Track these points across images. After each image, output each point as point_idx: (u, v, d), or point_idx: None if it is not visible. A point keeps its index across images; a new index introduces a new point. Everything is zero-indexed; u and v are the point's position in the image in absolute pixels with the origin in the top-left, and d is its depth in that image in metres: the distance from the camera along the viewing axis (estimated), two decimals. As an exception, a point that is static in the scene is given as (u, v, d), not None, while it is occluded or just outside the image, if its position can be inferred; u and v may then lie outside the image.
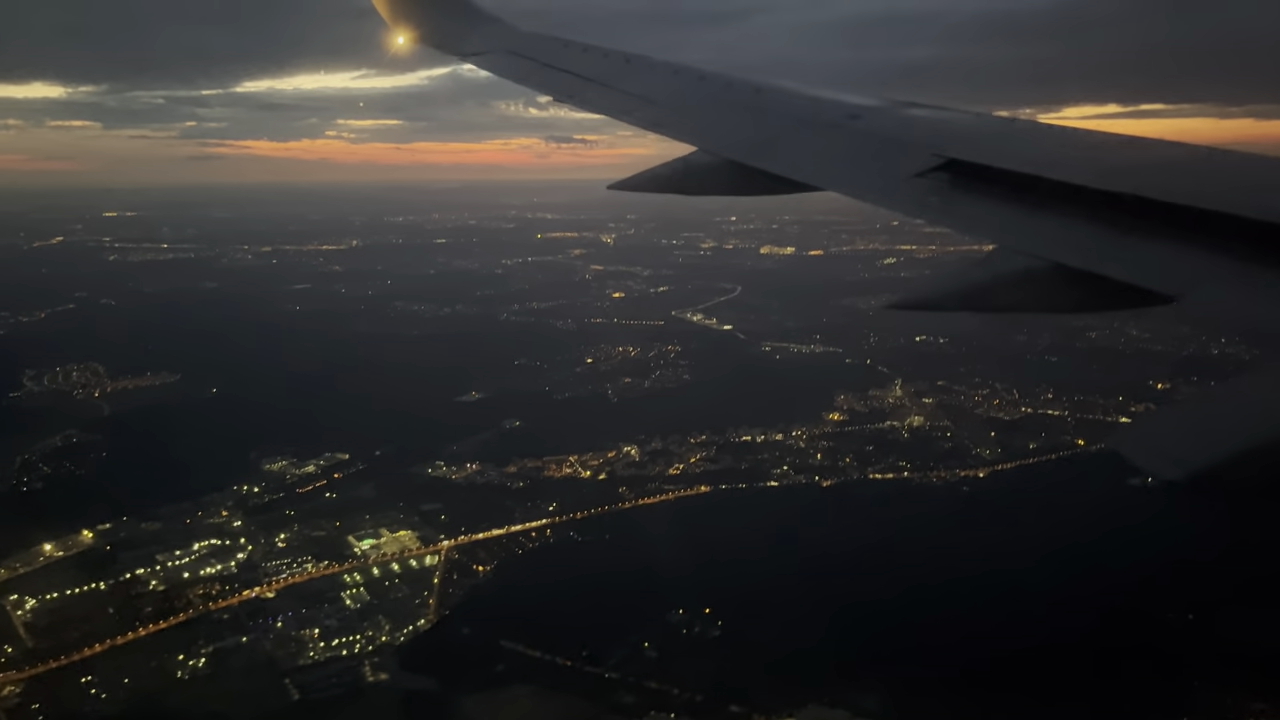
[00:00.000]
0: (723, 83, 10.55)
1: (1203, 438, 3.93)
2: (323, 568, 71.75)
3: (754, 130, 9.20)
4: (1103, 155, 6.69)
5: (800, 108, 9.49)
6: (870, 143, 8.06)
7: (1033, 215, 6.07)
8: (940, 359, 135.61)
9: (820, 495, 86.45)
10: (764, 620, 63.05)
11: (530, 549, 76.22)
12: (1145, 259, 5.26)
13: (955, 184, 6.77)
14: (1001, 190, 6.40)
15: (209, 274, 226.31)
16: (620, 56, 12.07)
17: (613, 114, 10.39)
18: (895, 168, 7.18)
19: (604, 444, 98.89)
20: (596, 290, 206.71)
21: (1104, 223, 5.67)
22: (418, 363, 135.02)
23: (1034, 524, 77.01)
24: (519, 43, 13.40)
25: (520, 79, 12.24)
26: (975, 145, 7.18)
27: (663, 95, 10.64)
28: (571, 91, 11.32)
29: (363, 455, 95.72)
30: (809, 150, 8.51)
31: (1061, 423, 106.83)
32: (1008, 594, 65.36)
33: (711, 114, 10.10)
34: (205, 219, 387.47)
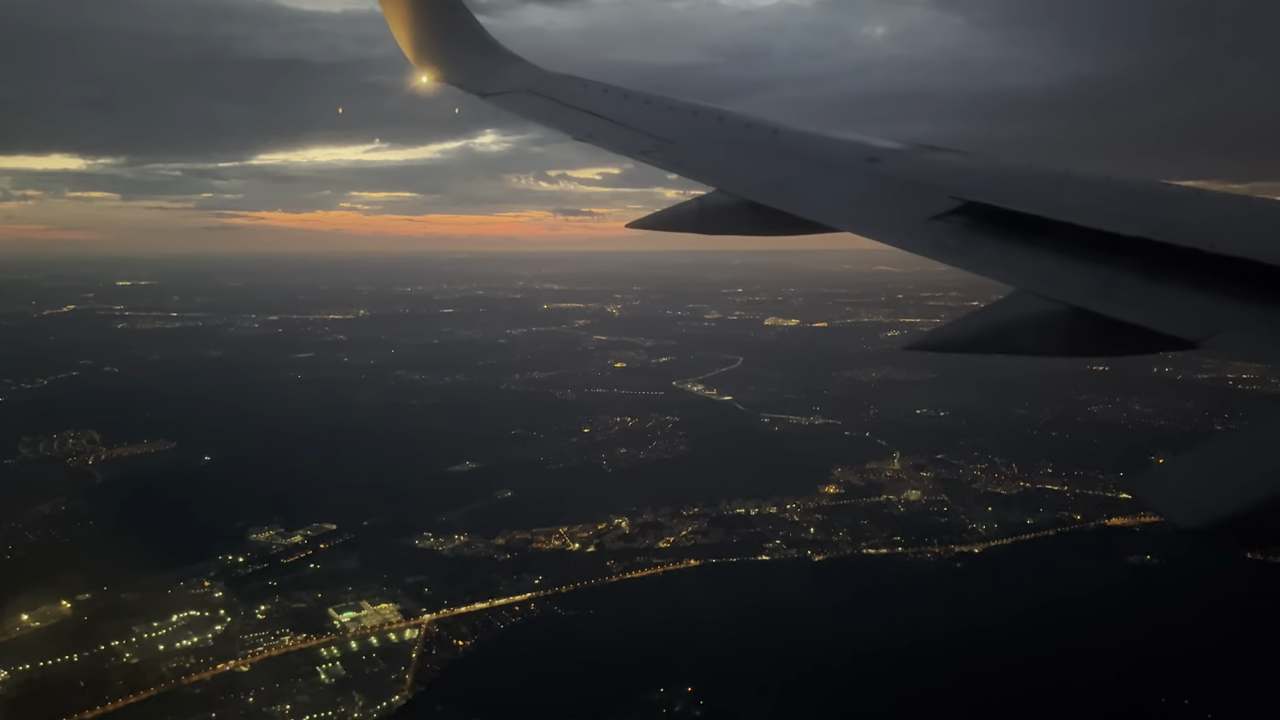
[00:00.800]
0: (741, 123, 10.59)
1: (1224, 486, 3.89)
2: (300, 640, 70.44)
3: (771, 170, 9.18)
4: (1121, 200, 6.71)
5: (818, 149, 9.50)
6: (888, 185, 8.06)
7: (1051, 258, 6.06)
8: (940, 432, 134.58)
9: (811, 570, 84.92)
10: (747, 700, 61.41)
11: (513, 623, 74.75)
12: (1165, 303, 5.22)
13: (973, 226, 6.74)
14: (1020, 233, 6.40)
15: (214, 342, 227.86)
16: (640, 97, 12.08)
17: (632, 154, 10.39)
18: (913, 209, 7.19)
19: (595, 516, 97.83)
20: (598, 360, 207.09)
21: (1123, 266, 5.65)
22: (413, 432, 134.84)
23: (1025, 603, 75.23)
24: (540, 82, 13.48)
25: (541, 118, 12.27)
26: (993, 188, 7.20)
27: (682, 135, 10.63)
28: (591, 131, 11.31)
29: (350, 525, 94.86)
30: (826, 191, 8.49)
31: (1060, 498, 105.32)
32: (994, 675, 63.56)
33: (729, 154, 10.10)
34: (217, 288, 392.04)
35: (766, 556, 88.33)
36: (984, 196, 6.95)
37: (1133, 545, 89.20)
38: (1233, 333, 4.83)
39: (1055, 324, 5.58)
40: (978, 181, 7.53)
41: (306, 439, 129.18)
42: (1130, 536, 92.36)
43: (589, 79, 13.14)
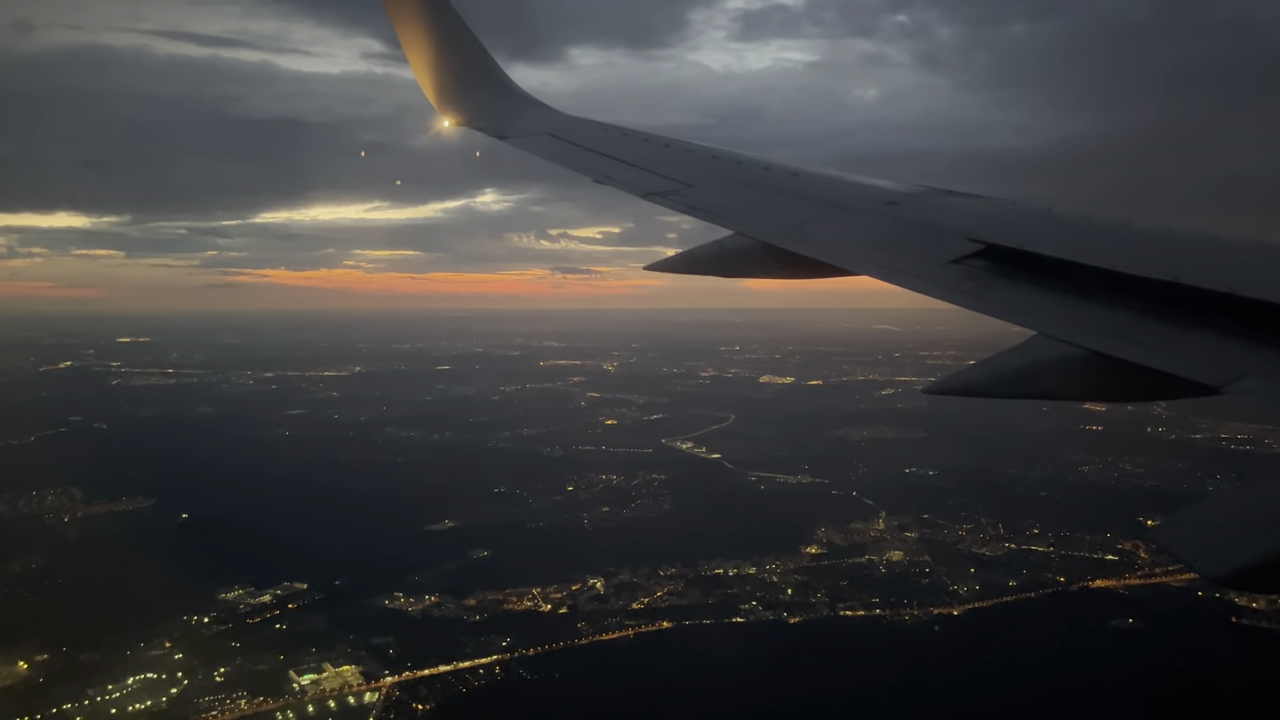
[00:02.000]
0: (760, 166, 10.66)
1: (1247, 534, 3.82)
2: (256, 704, 68.84)
3: (790, 213, 9.18)
4: (1141, 244, 6.66)
5: (836, 192, 9.52)
6: (906, 228, 8.05)
7: (1071, 302, 6.04)
8: (928, 492, 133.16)
9: (786, 633, 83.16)
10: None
11: (476, 687, 73.03)
12: (1188, 348, 5.16)
13: (992, 270, 6.71)
14: (1039, 277, 6.36)
15: (207, 399, 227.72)
16: (659, 141, 12.24)
17: (651, 196, 10.42)
18: (931, 253, 7.16)
19: (571, 576, 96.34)
20: (590, 417, 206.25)
21: (1145, 311, 5.61)
22: (395, 490, 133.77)
23: (997, 666, 73.43)
24: (559, 126, 13.66)
25: (561, 160, 12.32)
26: (1013, 232, 7.15)
27: (700, 178, 10.68)
28: (611, 173, 11.37)
29: (321, 585, 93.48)
30: (844, 234, 8.46)
31: (1045, 559, 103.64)
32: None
33: (748, 196, 10.10)
34: (216, 345, 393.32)
35: (741, 619, 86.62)
36: (1003, 240, 6.92)
37: (1116, 608, 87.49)
38: (1258, 379, 4.71)
39: (1076, 368, 5.50)
40: (997, 225, 7.50)
41: (286, 497, 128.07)
42: (1114, 599, 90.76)
43: (607, 123, 13.40)
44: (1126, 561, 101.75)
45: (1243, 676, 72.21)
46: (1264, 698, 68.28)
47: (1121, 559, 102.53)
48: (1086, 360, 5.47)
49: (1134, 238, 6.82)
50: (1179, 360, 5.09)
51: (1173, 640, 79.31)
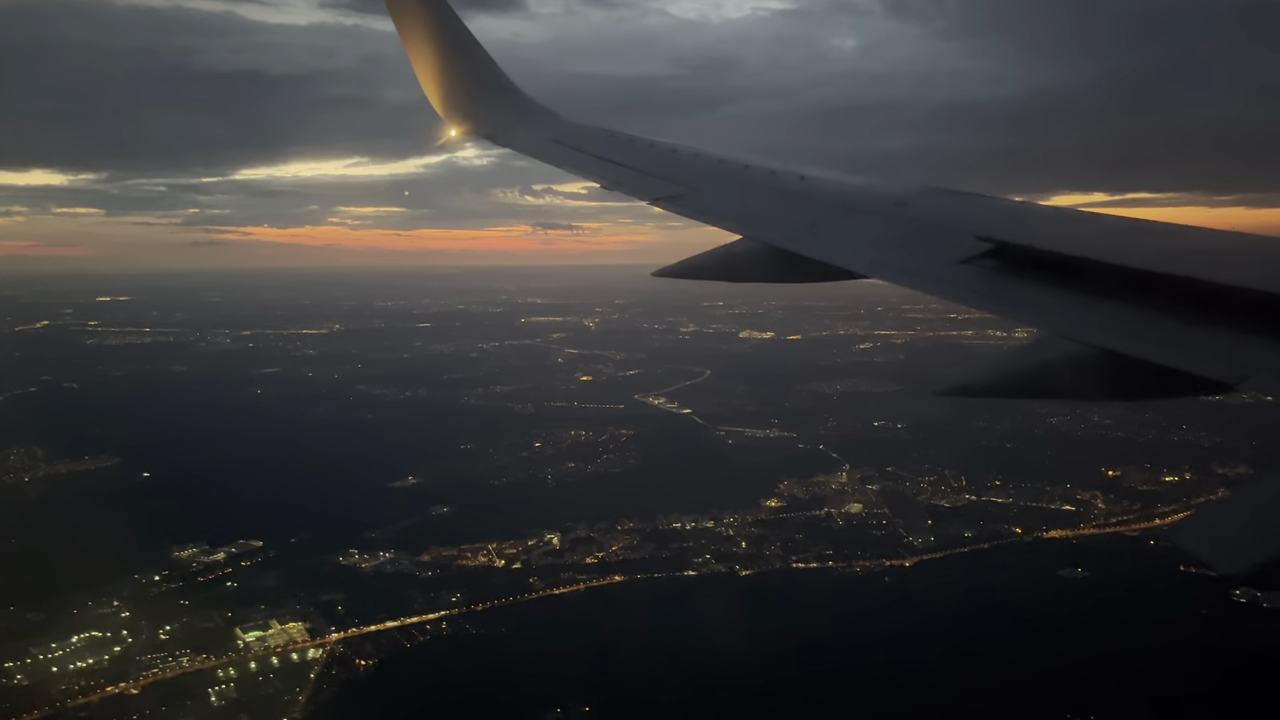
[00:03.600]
0: (766, 170, 10.61)
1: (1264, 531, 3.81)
2: (199, 661, 68.94)
3: (798, 217, 9.15)
4: (1152, 241, 6.69)
5: (844, 195, 9.51)
6: (915, 229, 8.00)
7: (1081, 300, 6.01)
8: (894, 445, 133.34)
9: (735, 586, 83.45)
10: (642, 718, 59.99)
11: (422, 642, 73.24)
12: (1199, 344, 5.14)
13: (1002, 270, 6.69)
14: (1049, 275, 6.34)
15: (182, 358, 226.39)
16: (666, 147, 12.28)
17: (659, 202, 10.42)
18: (941, 254, 7.14)
19: (528, 531, 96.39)
20: (565, 374, 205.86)
21: (1155, 307, 5.54)
22: (361, 448, 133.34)
23: (941, 616, 73.78)
24: (566, 133, 13.86)
25: (568, 167, 12.54)
26: (1022, 231, 7.10)
27: (707, 183, 10.75)
28: (619, 179, 11.51)
29: (277, 543, 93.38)
30: (853, 237, 8.41)
31: (1004, 510, 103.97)
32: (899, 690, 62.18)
33: (756, 201, 10.13)
34: (197, 303, 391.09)
35: (693, 572, 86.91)
36: (1012, 239, 6.87)
37: (1066, 558, 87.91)
38: (1269, 374, 4.67)
39: (1087, 367, 5.45)
40: (1006, 224, 7.45)
41: (251, 456, 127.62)
42: (1066, 549, 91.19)
43: (613, 130, 13.56)
44: (1083, 512, 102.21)
45: (1186, 625, 72.74)
46: (1206, 644, 68.75)
47: (1079, 509, 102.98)
48: (1097, 359, 5.41)
49: (1142, 234, 6.86)
50: (1190, 357, 5.03)
51: (1119, 589, 79.72)
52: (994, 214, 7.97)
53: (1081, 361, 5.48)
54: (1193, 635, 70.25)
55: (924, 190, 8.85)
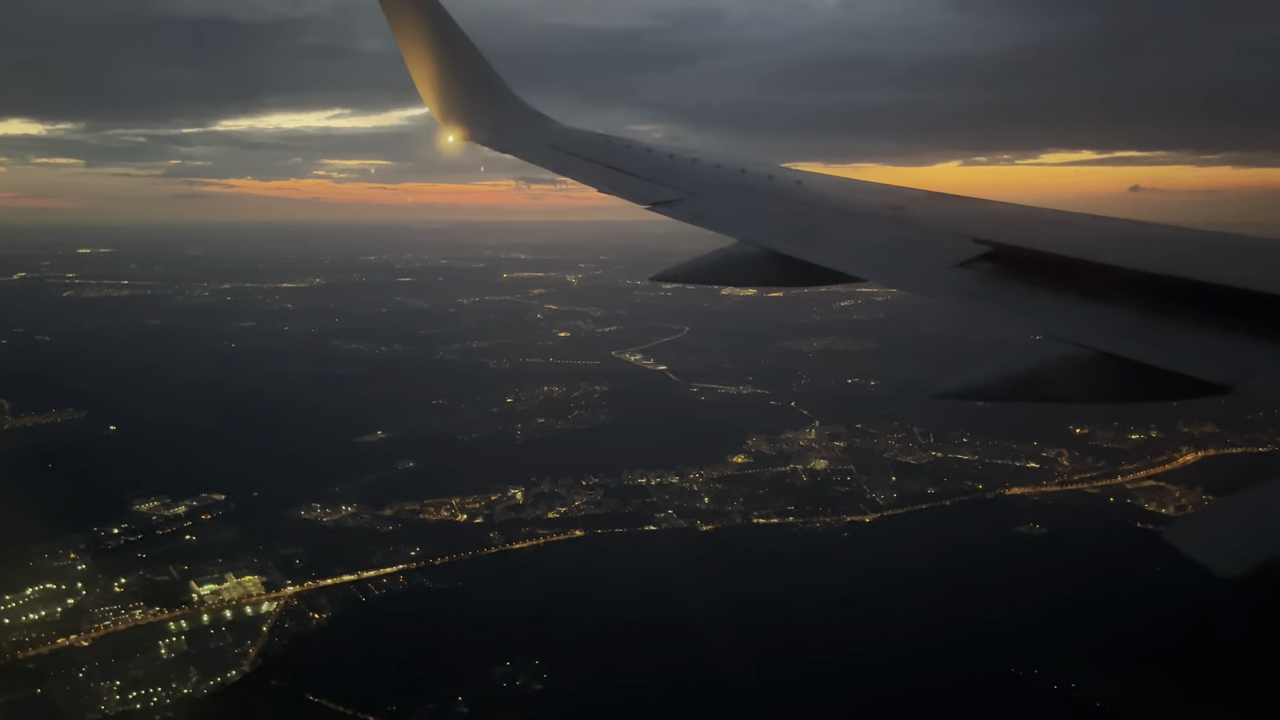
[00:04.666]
0: (764, 174, 10.75)
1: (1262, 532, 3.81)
2: (152, 614, 68.89)
3: (794, 220, 9.14)
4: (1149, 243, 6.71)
5: (841, 199, 9.56)
6: (912, 232, 8.03)
7: (1078, 302, 6.03)
8: (865, 401, 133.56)
9: (694, 541, 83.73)
10: (591, 674, 60.31)
11: (377, 596, 73.37)
12: (1196, 346, 5.16)
13: (999, 272, 6.70)
14: (1046, 278, 6.36)
15: (158, 311, 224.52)
16: (663, 151, 12.38)
17: (657, 207, 10.45)
18: (938, 257, 7.16)
19: (493, 486, 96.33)
20: (544, 330, 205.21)
21: (1152, 310, 5.59)
22: (332, 402, 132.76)
23: (895, 571, 74.20)
24: (563, 139, 14.08)
25: (565, 172, 12.60)
26: (1019, 233, 7.15)
27: (705, 187, 10.80)
28: (615, 184, 11.57)
29: (239, 496, 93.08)
30: (850, 240, 8.47)
31: (969, 467, 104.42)
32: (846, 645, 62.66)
33: (753, 205, 10.16)
34: (177, 256, 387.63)
35: (654, 527, 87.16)
36: (1009, 241, 6.91)
37: (1025, 514, 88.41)
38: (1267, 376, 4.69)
39: (1084, 370, 5.44)
40: (1002, 227, 7.49)
41: (220, 410, 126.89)
42: (1026, 506, 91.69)
43: (611, 135, 13.76)
44: (1047, 469, 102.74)
45: (1137, 580, 73.29)
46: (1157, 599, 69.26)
47: (1043, 467, 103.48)
48: (1095, 361, 5.41)
49: (1139, 236, 6.89)
50: (1188, 360, 5.04)
51: (1074, 545, 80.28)
52: (991, 217, 8.02)
53: (1080, 364, 5.48)
54: (1144, 591, 70.73)
55: (921, 194, 8.91)
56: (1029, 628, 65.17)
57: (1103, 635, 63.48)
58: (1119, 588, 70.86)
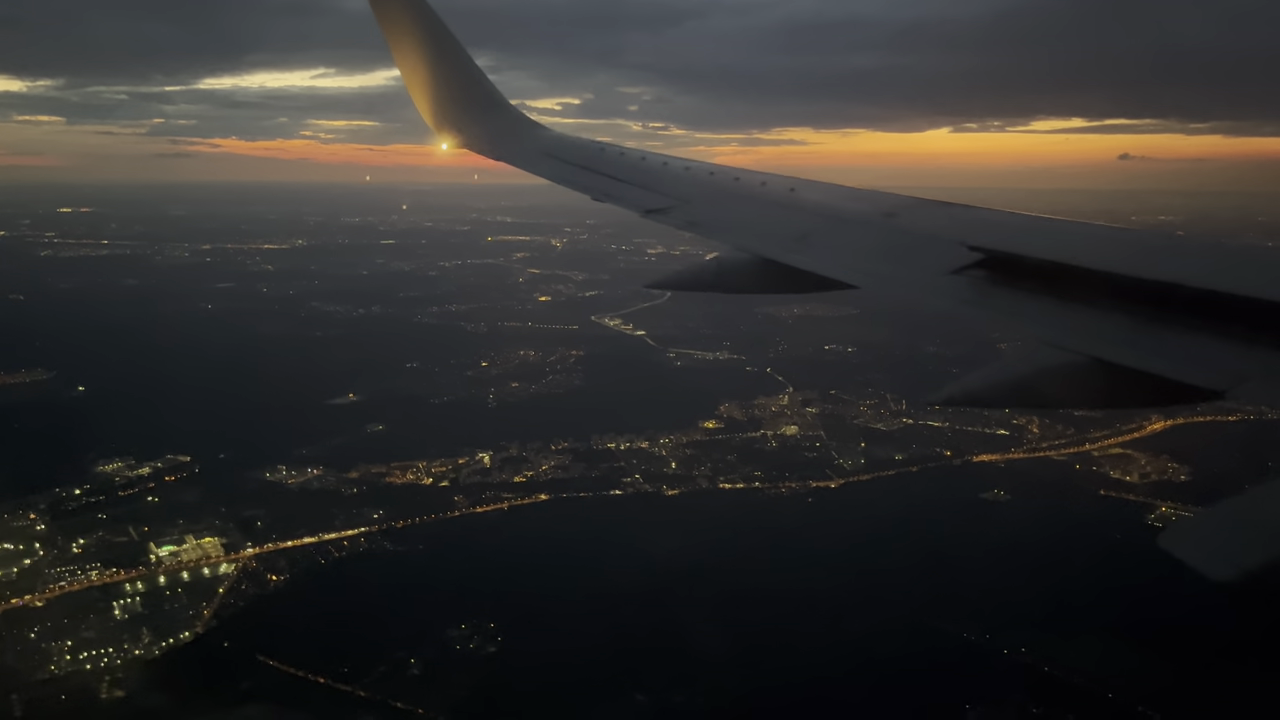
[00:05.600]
0: (757, 181, 10.74)
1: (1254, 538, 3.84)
2: (108, 575, 68.60)
3: (788, 228, 9.19)
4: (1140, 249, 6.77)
5: (834, 206, 9.57)
6: (906, 239, 8.07)
7: (1071, 308, 6.02)
8: (841, 368, 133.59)
9: (659, 506, 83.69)
10: (545, 637, 60.36)
11: (337, 558, 73.18)
12: (1189, 352, 5.16)
13: (993, 279, 6.70)
14: (1039, 285, 6.37)
15: (136, 271, 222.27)
16: (657, 159, 12.40)
17: (650, 215, 10.44)
18: (932, 264, 7.19)
19: (461, 450, 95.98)
20: (524, 294, 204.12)
21: (1145, 316, 5.62)
22: (305, 364, 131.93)
23: (855, 536, 74.34)
24: (556, 146, 14.17)
25: (559, 180, 12.64)
26: (1012, 240, 7.19)
27: (698, 194, 10.80)
28: (609, 191, 11.62)
29: (205, 458, 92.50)
30: (843, 248, 8.49)
31: (939, 434, 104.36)
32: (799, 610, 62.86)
33: (746, 212, 10.19)
34: (159, 216, 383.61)
35: (619, 491, 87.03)
36: (1002, 247, 6.94)
37: (991, 481, 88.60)
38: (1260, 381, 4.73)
39: (1077, 375, 5.48)
40: (995, 233, 7.53)
41: (191, 371, 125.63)
42: (992, 473, 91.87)
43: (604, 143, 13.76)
44: (1016, 437, 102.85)
45: (1095, 546, 73.70)
46: (1116, 567, 69.61)
47: (1013, 434, 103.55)
48: (1089, 368, 5.41)
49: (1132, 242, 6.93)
50: (1181, 365, 5.07)
51: (1036, 513, 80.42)
52: (984, 224, 8.01)
53: (1073, 371, 5.48)
54: (1102, 557, 71.13)
55: (914, 201, 8.94)
56: (985, 593, 65.38)
57: (1056, 600, 63.76)
58: (1077, 554, 71.24)
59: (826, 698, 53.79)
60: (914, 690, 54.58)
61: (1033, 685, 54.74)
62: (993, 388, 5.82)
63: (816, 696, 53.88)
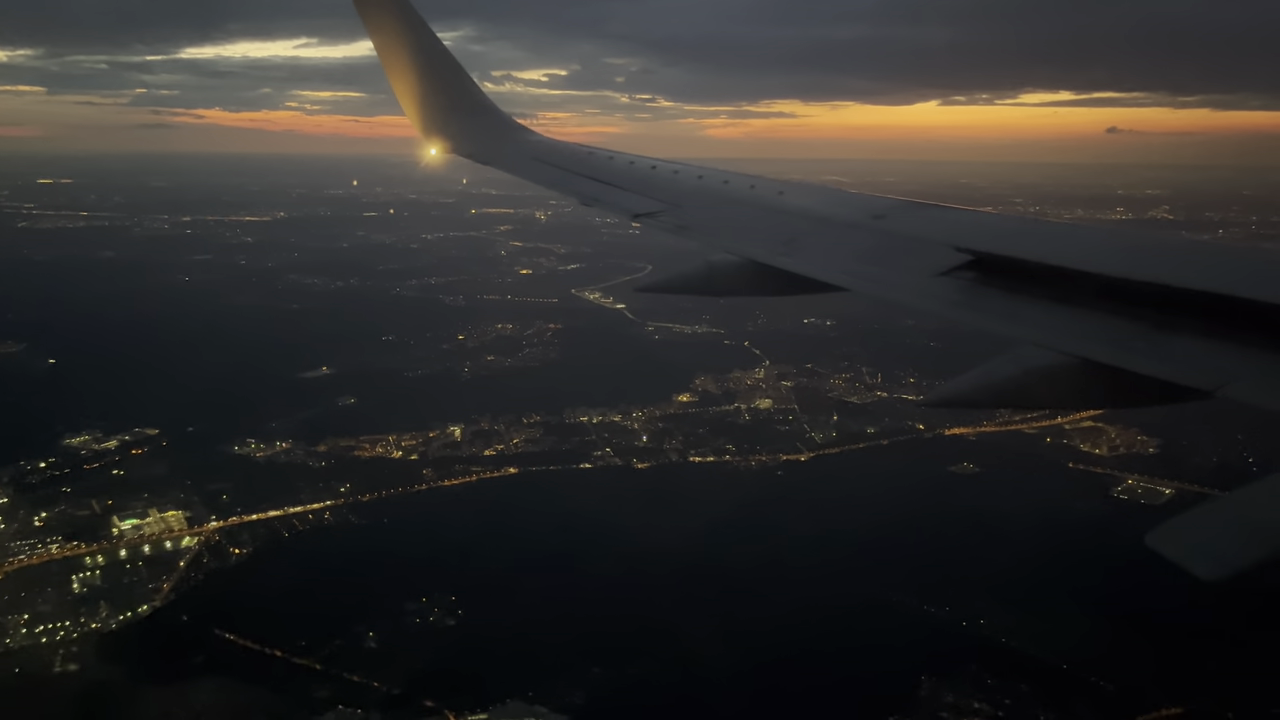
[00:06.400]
0: (746, 184, 10.75)
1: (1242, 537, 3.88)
2: (69, 549, 68.15)
3: (777, 230, 9.20)
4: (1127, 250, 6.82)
5: (822, 207, 9.62)
6: (894, 241, 8.04)
7: (1060, 310, 6.02)
8: (818, 342, 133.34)
9: (628, 479, 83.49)
10: (505, 609, 60.29)
11: (301, 532, 72.88)
12: (1177, 352, 5.17)
13: (982, 281, 6.72)
14: (1027, 285, 6.38)
15: (113, 243, 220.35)
16: (646, 163, 12.33)
17: (639, 219, 10.40)
18: (920, 266, 7.18)
19: (432, 423, 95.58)
20: (505, 267, 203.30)
21: (1132, 316, 5.62)
22: (280, 337, 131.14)
23: (818, 509, 74.45)
24: (544, 151, 14.19)
25: (548, 184, 12.59)
26: (1000, 242, 7.19)
27: (687, 198, 10.79)
28: (597, 195, 11.61)
29: (174, 431, 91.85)
30: (832, 250, 8.49)
31: (912, 408, 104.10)
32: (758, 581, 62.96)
33: (736, 215, 10.16)
34: (140, 187, 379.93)
35: (589, 465, 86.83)
36: (991, 249, 6.96)
37: (961, 454, 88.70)
38: (1247, 381, 4.76)
39: (1065, 376, 5.50)
40: (984, 235, 7.54)
41: (165, 343, 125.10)
42: (963, 445, 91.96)
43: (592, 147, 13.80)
44: (989, 410, 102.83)
45: (1060, 518, 73.97)
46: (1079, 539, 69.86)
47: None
48: (1077, 368, 5.43)
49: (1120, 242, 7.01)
50: (1169, 365, 5.07)
51: (1003, 484, 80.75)
52: (972, 226, 8.02)
53: (1061, 371, 5.48)
54: (1065, 530, 71.43)
55: (902, 203, 8.93)
56: (946, 566, 65.55)
57: (1016, 573, 63.90)
58: (1039, 527, 71.30)
59: (782, 670, 53.84)
60: (870, 662, 54.69)
61: (987, 656, 54.85)
62: (981, 390, 5.89)
63: (772, 668, 53.96)
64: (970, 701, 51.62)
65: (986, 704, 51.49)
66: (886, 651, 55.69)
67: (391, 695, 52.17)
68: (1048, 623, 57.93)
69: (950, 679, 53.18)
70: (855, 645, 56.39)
